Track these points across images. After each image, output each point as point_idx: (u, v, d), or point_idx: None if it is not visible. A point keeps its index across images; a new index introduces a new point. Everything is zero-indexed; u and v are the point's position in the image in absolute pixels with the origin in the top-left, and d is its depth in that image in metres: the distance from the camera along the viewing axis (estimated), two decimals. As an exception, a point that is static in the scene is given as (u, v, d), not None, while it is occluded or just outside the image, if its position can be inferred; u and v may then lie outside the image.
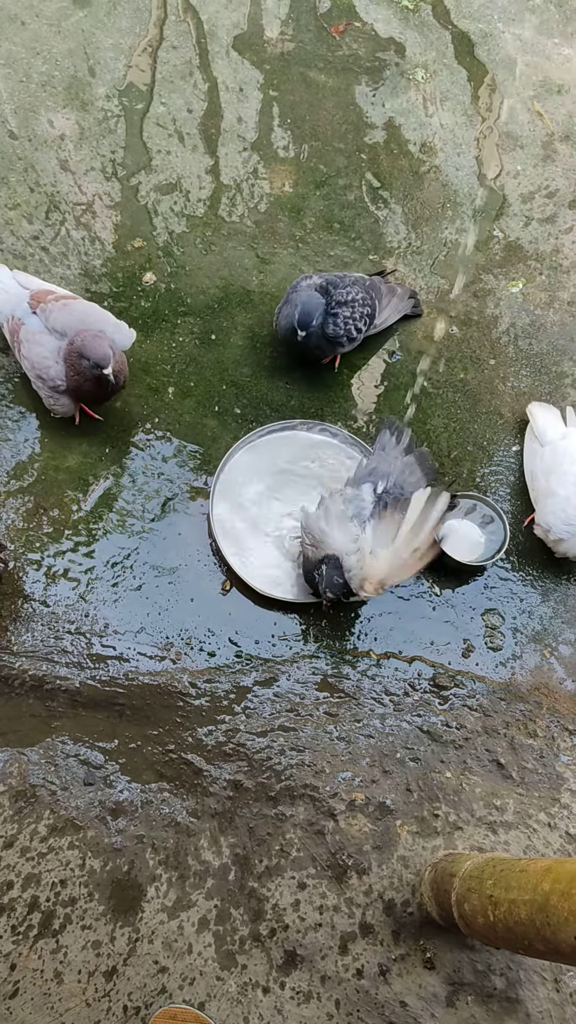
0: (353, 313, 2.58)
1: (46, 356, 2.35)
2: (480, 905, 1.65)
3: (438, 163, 3.11)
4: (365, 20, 3.33)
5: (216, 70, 3.14)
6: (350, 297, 2.57)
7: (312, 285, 2.58)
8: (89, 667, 2.28)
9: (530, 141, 3.18)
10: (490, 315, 2.89)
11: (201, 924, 2.02)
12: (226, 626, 2.39)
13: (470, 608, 2.49)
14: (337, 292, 2.56)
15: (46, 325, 2.37)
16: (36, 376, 2.40)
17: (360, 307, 2.59)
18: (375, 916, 2.04)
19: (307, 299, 2.51)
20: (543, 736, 2.32)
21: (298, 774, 2.19)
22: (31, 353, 2.37)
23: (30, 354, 2.37)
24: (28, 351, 2.37)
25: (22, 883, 2.03)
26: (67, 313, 2.37)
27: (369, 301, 2.62)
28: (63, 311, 2.37)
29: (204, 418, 2.63)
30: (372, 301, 2.64)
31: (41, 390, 2.42)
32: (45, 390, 2.40)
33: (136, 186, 2.91)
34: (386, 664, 2.38)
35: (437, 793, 2.20)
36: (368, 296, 2.62)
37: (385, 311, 2.73)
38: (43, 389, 2.41)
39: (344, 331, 2.57)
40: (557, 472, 2.43)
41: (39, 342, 2.36)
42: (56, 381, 2.35)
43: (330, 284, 2.58)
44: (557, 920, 1.36)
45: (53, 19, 3.11)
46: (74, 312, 2.38)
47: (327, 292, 2.56)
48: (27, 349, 2.37)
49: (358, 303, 2.58)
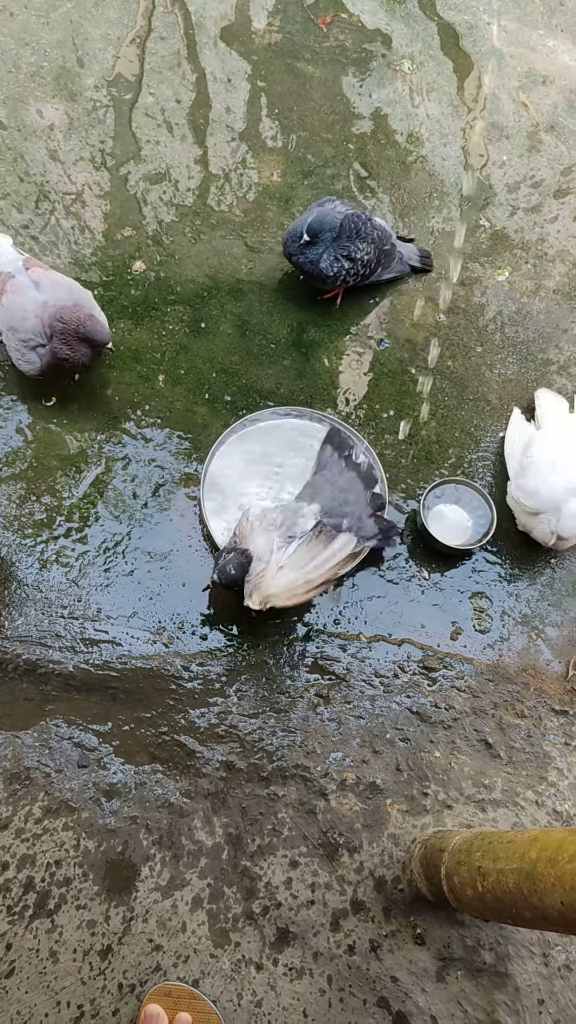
0: (353, 267, 2.69)
1: (26, 308, 2.38)
2: (469, 877, 1.68)
3: (425, 153, 3.14)
4: (352, 12, 3.35)
5: (204, 61, 3.15)
6: (358, 256, 2.67)
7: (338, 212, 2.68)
8: (82, 651, 2.30)
9: (516, 132, 3.21)
10: (477, 303, 2.92)
11: (195, 903, 2.04)
12: (218, 610, 2.41)
13: (458, 591, 2.52)
14: (353, 244, 2.66)
15: (34, 282, 2.43)
16: (8, 327, 2.42)
17: (361, 267, 2.72)
18: (366, 893, 2.07)
19: (327, 213, 2.63)
20: (530, 716, 2.35)
21: (289, 755, 2.22)
22: (11, 303, 2.40)
23: (10, 304, 2.40)
24: (9, 301, 2.41)
25: (17, 864, 2.05)
26: (55, 281, 2.45)
27: (373, 265, 2.76)
28: (53, 277, 2.46)
29: (194, 405, 2.65)
30: (376, 266, 2.79)
31: (10, 342, 2.44)
32: (14, 341, 2.42)
33: (125, 176, 2.93)
34: (376, 647, 2.41)
35: (426, 772, 2.23)
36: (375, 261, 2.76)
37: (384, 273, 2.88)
38: (12, 341, 2.43)
39: (334, 274, 2.69)
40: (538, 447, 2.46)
41: (23, 294, 2.40)
42: (29, 335, 2.39)
43: (352, 226, 2.66)
44: (544, 887, 1.39)
45: (41, 10, 3.12)
46: (62, 283, 2.46)
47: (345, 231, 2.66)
48: (8, 299, 2.41)
49: (360, 263, 2.70)
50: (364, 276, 2.76)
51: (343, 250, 2.65)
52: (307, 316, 2.83)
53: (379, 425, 2.69)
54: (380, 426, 2.68)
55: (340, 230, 2.63)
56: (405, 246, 2.88)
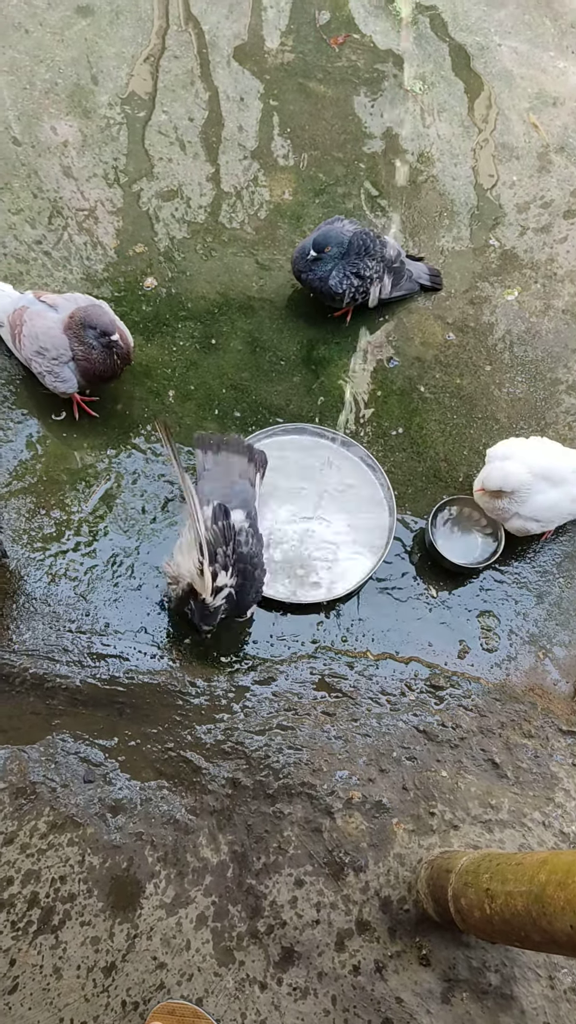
0: (362, 284, 2.72)
1: (49, 327, 2.40)
2: (477, 899, 1.68)
3: (435, 173, 3.16)
4: (364, 32, 3.38)
5: (217, 80, 3.18)
6: (367, 273, 2.70)
7: (346, 230, 2.69)
8: (89, 665, 2.30)
9: (526, 152, 3.23)
10: (486, 322, 2.93)
11: (199, 921, 2.03)
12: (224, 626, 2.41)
13: (466, 610, 2.52)
14: (361, 262, 2.68)
15: (50, 306, 2.45)
16: (36, 351, 2.42)
17: (371, 285, 2.75)
18: (372, 913, 2.06)
19: (333, 229, 2.65)
20: (537, 736, 2.35)
21: (296, 772, 2.21)
22: (33, 328, 2.41)
23: (32, 329, 2.41)
24: (30, 328, 2.42)
25: (22, 879, 2.04)
26: (70, 298, 2.48)
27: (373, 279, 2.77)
28: (67, 296, 2.50)
29: (204, 421, 2.66)
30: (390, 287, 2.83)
31: (42, 366, 2.44)
32: (46, 364, 2.43)
33: (138, 192, 2.95)
34: (383, 664, 2.41)
35: (433, 792, 2.22)
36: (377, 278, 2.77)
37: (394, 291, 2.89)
38: (43, 364, 2.43)
39: (342, 291, 2.71)
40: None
41: (43, 317, 2.42)
42: (58, 351, 2.39)
43: (360, 244, 2.67)
44: (553, 910, 1.38)
45: (56, 28, 3.15)
46: (78, 297, 2.49)
47: (354, 248, 2.68)
48: (28, 327, 2.42)
49: (369, 280, 2.72)
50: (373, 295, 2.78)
51: (352, 267, 2.66)
52: (317, 333, 2.84)
53: (388, 443, 2.69)
54: (389, 443, 2.69)
55: (348, 247, 2.65)
56: (415, 265, 2.90)
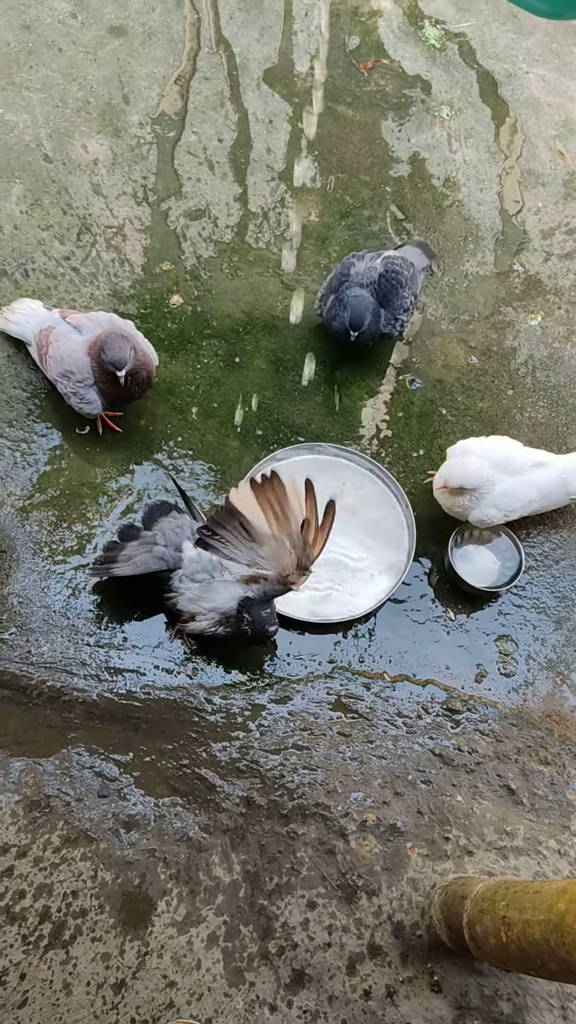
0: (405, 313, 2.72)
1: (75, 349, 2.41)
2: (492, 926, 1.66)
3: (461, 198, 3.18)
4: (393, 57, 3.42)
5: (247, 102, 3.22)
6: (408, 304, 2.70)
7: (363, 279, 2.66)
8: (107, 680, 2.31)
9: (551, 179, 3.25)
10: (509, 347, 2.94)
11: (210, 940, 2.02)
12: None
13: (484, 634, 2.51)
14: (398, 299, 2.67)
15: (75, 328, 2.46)
16: (62, 373, 2.44)
17: (412, 307, 2.75)
18: (384, 938, 2.05)
19: (356, 302, 2.60)
20: (554, 763, 2.33)
21: (310, 793, 2.21)
22: (59, 349, 2.43)
23: (57, 351, 2.43)
24: (55, 350, 2.43)
25: (34, 893, 2.04)
26: (95, 320, 2.48)
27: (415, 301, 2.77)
28: (91, 316, 2.50)
29: (226, 439, 2.67)
30: (416, 300, 2.80)
31: (67, 387, 2.46)
32: (71, 386, 2.44)
33: (166, 211, 2.98)
34: (400, 687, 2.40)
35: (448, 816, 2.21)
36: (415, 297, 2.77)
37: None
38: (69, 385, 2.45)
39: (399, 329, 2.72)
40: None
41: (68, 339, 2.44)
42: (83, 373, 2.41)
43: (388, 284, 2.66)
44: (572, 939, 1.37)
45: (89, 47, 3.20)
46: (102, 319, 2.49)
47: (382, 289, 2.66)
48: (54, 348, 2.44)
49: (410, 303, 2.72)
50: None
51: (395, 309, 2.67)
52: (339, 354, 2.85)
53: (408, 464, 2.70)
54: (410, 465, 2.70)
55: (379, 289, 2.65)
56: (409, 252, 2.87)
